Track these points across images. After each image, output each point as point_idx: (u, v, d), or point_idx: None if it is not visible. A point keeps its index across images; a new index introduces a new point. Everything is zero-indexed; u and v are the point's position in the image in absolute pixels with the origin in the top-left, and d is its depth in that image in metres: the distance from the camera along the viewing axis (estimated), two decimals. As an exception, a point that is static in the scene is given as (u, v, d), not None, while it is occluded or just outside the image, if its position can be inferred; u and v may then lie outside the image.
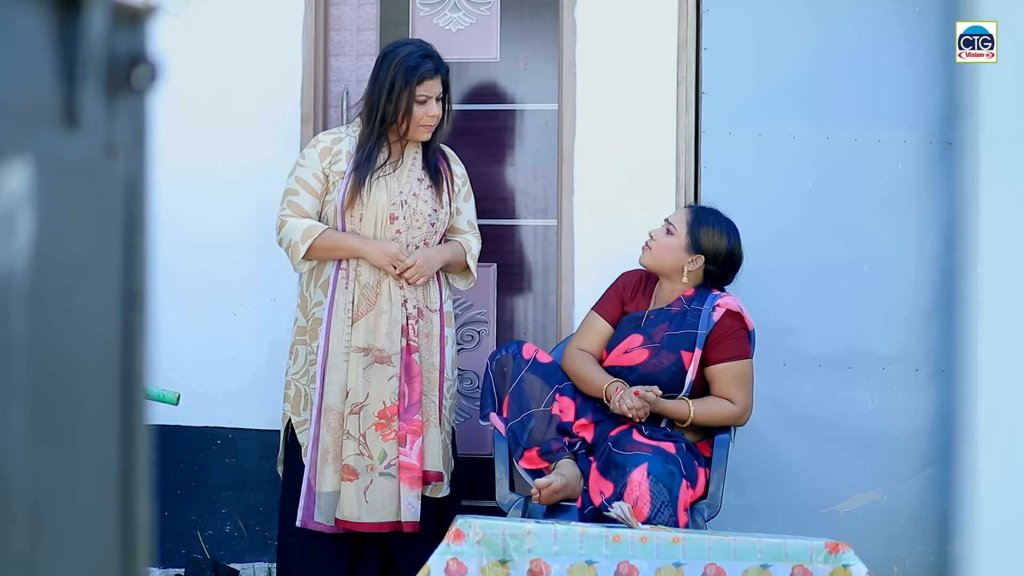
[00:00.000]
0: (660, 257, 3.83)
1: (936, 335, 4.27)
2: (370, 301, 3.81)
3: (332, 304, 3.82)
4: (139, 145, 1.22)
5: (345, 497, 3.77)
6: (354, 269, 3.83)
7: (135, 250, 1.21)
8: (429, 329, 3.87)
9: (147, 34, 1.20)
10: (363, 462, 3.77)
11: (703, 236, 3.81)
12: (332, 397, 3.79)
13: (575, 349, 3.89)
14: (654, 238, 3.84)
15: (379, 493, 3.77)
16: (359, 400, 3.78)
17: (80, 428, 1.15)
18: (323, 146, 3.87)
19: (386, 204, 3.83)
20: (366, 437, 3.78)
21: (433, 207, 3.89)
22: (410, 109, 3.80)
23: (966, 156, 4.14)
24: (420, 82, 3.79)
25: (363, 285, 3.82)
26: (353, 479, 3.77)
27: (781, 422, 4.27)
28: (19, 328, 1.06)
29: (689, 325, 3.78)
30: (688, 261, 3.81)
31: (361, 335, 3.80)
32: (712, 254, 3.81)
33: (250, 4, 4.42)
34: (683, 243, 3.81)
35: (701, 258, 3.81)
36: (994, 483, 3.66)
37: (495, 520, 3.22)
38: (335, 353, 3.80)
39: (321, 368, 3.80)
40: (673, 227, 3.83)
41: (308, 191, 3.84)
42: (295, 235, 3.80)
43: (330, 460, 3.78)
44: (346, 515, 3.77)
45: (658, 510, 3.46)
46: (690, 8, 4.29)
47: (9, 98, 1.06)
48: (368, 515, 3.76)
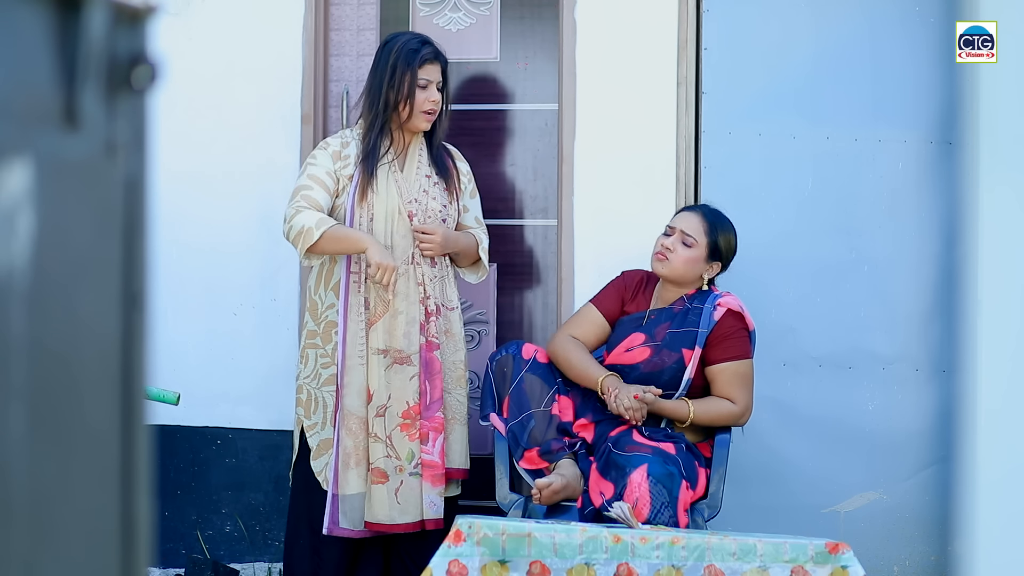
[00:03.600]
0: (680, 269, 3.80)
1: (936, 335, 4.27)
2: (385, 303, 3.80)
3: (347, 307, 3.80)
4: (139, 145, 1.21)
5: (377, 500, 3.76)
6: (364, 271, 3.81)
7: (135, 250, 1.21)
8: (448, 326, 3.88)
9: (147, 34, 1.20)
10: (392, 463, 3.77)
11: (722, 243, 3.81)
12: (351, 401, 3.79)
13: (567, 336, 3.87)
14: (671, 249, 3.80)
15: (409, 493, 3.77)
16: (383, 402, 3.78)
17: (80, 428, 1.15)
18: (333, 149, 3.86)
19: (398, 202, 3.82)
20: (392, 439, 3.77)
21: (443, 203, 3.89)
22: (412, 93, 3.80)
23: (966, 156, 4.14)
24: (421, 65, 3.81)
25: (377, 287, 3.80)
26: (384, 481, 3.76)
27: (781, 422, 4.27)
28: (19, 328, 1.06)
29: (691, 323, 3.78)
30: (707, 269, 3.82)
31: (379, 337, 3.79)
32: (727, 258, 3.83)
33: (250, 4, 4.42)
34: (703, 254, 3.81)
35: (719, 264, 3.82)
36: (994, 483, 3.66)
37: (495, 520, 3.22)
38: (352, 356, 3.79)
39: (340, 372, 3.79)
40: (691, 239, 3.80)
41: (322, 187, 3.80)
42: (309, 222, 3.72)
43: (352, 464, 3.77)
44: (379, 518, 3.75)
45: (658, 511, 3.46)
46: (690, 8, 4.29)
47: (9, 98, 1.06)
48: (401, 516, 3.76)
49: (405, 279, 3.82)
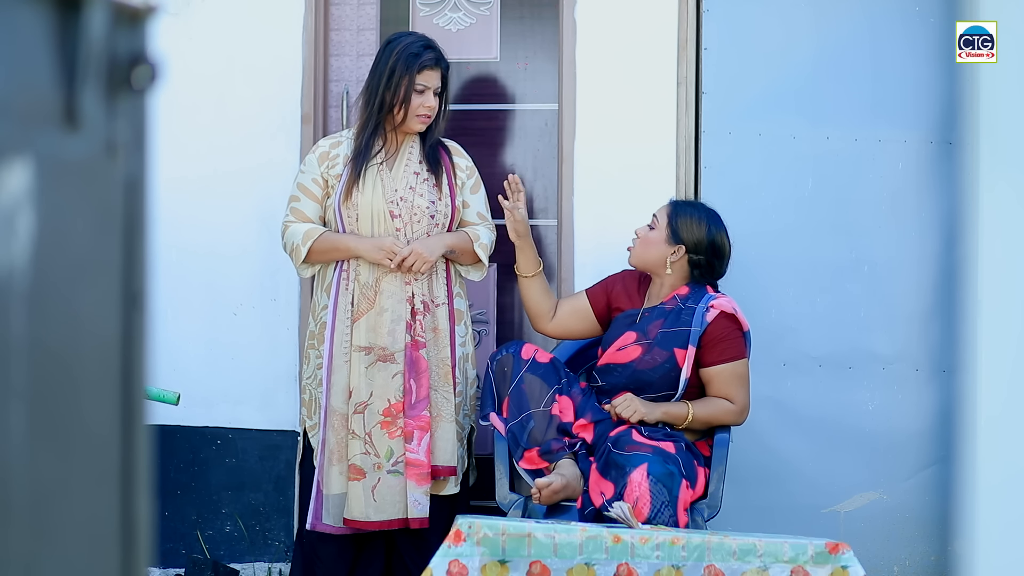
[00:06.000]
0: (643, 253, 3.85)
1: (936, 335, 4.27)
2: (370, 300, 3.82)
3: (335, 306, 3.83)
4: (139, 145, 1.22)
5: (353, 497, 3.77)
6: (353, 269, 3.84)
7: (135, 250, 1.21)
8: (435, 324, 3.87)
9: (147, 34, 1.20)
10: (370, 461, 3.78)
11: (681, 226, 3.82)
12: (336, 399, 3.80)
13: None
14: (638, 235, 3.87)
15: (387, 491, 3.77)
16: (363, 399, 3.79)
17: (80, 428, 1.15)
18: (321, 151, 3.90)
19: (383, 202, 3.83)
20: (372, 436, 3.78)
21: (431, 199, 3.89)
22: (408, 97, 3.82)
23: (966, 156, 4.14)
24: (420, 71, 3.82)
25: (362, 284, 3.83)
26: (360, 478, 3.77)
27: (781, 422, 4.27)
28: (19, 328, 1.06)
29: (683, 323, 3.79)
30: (670, 253, 3.82)
31: (362, 334, 3.80)
32: (692, 243, 3.82)
33: (250, 4, 4.42)
34: (663, 235, 3.83)
35: (682, 248, 3.82)
36: (994, 483, 3.66)
37: (495, 520, 3.22)
38: (337, 355, 3.81)
39: (327, 371, 3.81)
40: (654, 219, 3.86)
41: (309, 196, 3.87)
42: (296, 239, 3.83)
43: (335, 461, 3.79)
44: (354, 515, 3.77)
45: (658, 510, 3.46)
46: (690, 8, 4.29)
47: (9, 98, 1.06)
48: (376, 514, 3.77)
49: (392, 277, 3.83)
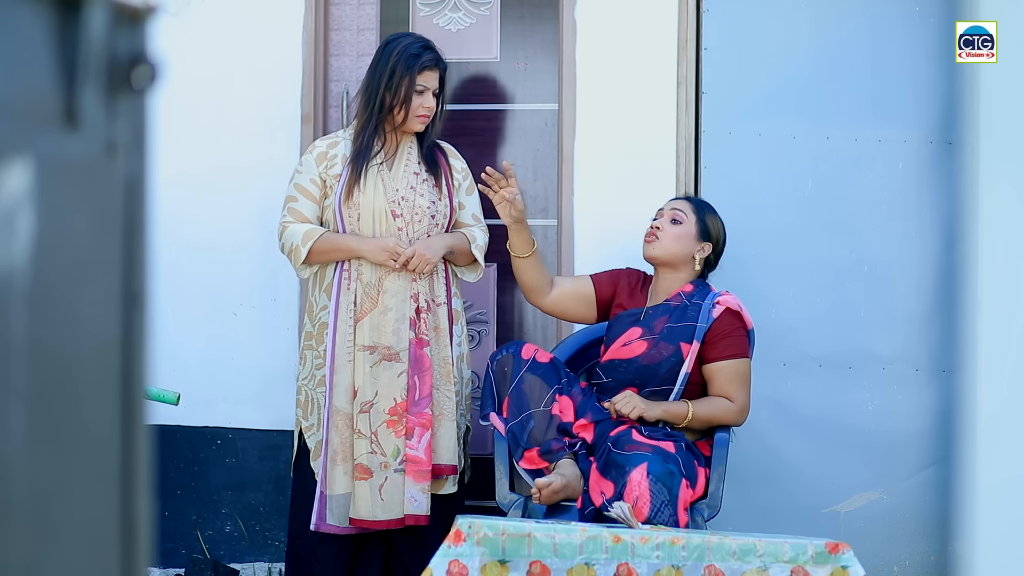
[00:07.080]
0: (670, 247, 3.83)
1: (936, 335, 4.27)
2: (373, 299, 3.82)
3: (337, 307, 3.82)
4: (139, 145, 1.21)
5: (360, 496, 3.76)
6: (355, 269, 3.84)
7: (135, 250, 1.21)
8: (437, 323, 3.88)
9: (147, 34, 1.20)
10: (376, 460, 3.77)
11: (710, 223, 3.85)
12: (339, 399, 3.80)
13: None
14: (661, 228, 3.85)
15: (393, 490, 3.77)
16: (368, 399, 3.79)
17: (80, 428, 1.15)
18: (319, 151, 3.90)
19: (384, 202, 3.84)
20: (378, 435, 3.78)
21: (432, 199, 3.89)
22: (409, 97, 3.82)
23: (966, 156, 4.14)
24: (420, 71, 3.83)
25: (365, 284, 3.83)
26: (367, 478, 3.76)
27: (781, 422, 4.27)
28: (19, 328, 1.06)
29: (689, 318, 3.79)
30: (698, 249, 3.83)
31: (366, 334, 3.80)
32: (716, 240, 3.85)
33: (250, 4, 4.42)
34: (693, 231, 3.83)
35: (709, 245, 3.84)
36: (994, 483, 3.66)
37: (495, 520, 3.22)
38: (340, 355, 3.80)
39: (329, 371, 3.80)
40: (681, 214, 3.84)
41: (307, 197, 3.86)
42: (295, 239, 3.82)
43: (339, 461, 3.78)
44: (362, 514, 3.76)
45: (658, 510, 3.46)
46: (690, 8, 4.29)
47: (9, 98, 1.06)
48: (384, 512, 3.76)
49: (395, 276, 3.83)
